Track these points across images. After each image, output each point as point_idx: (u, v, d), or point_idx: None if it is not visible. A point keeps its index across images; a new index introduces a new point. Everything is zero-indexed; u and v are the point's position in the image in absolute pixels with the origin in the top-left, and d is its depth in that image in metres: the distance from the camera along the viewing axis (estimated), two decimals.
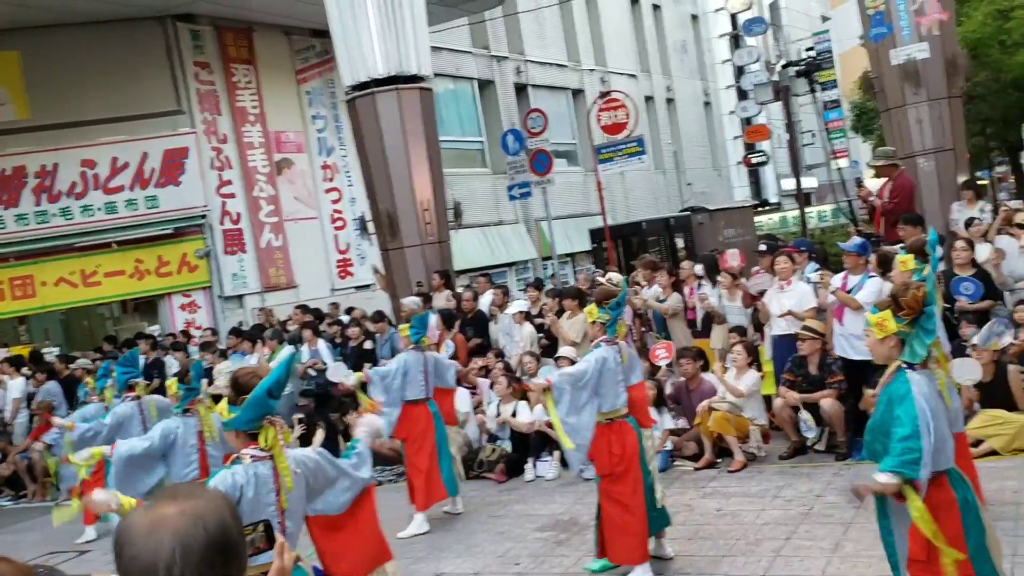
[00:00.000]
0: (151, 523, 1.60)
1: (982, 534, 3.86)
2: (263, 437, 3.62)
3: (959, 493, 3.81)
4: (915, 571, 3.86)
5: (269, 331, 12.17)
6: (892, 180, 10.03)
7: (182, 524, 1.59)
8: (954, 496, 3.79)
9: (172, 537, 1.58)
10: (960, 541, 3.76)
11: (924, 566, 3.82)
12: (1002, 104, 23.33)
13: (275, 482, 3.59)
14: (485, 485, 9.03)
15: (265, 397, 3.61)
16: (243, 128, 17.79)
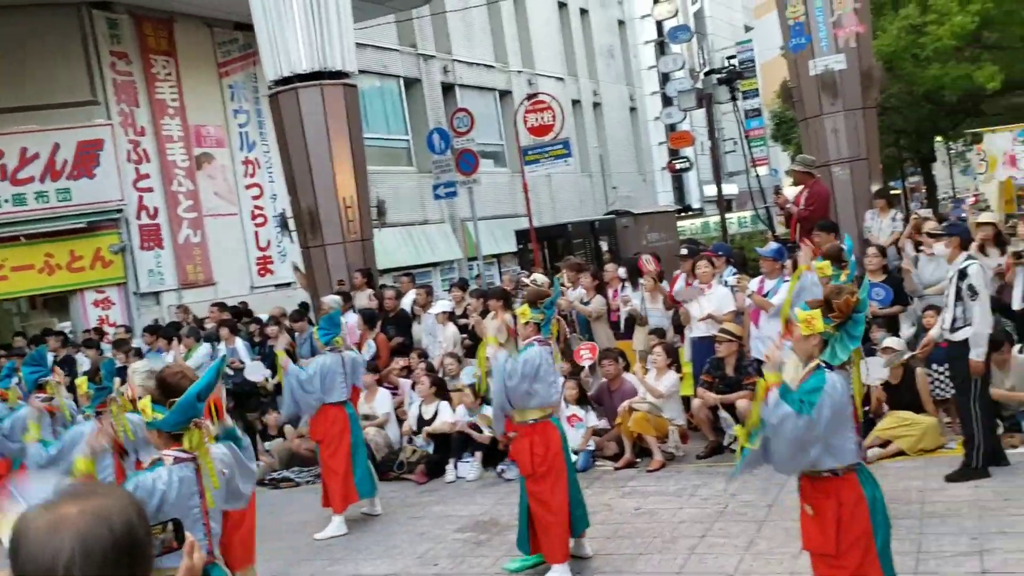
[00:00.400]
0: (51, 522, 1.53)
1: (889, 531, 3.97)
2: (188, 439, 3.57)
3: (868, 491, 3.91)
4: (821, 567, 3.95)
5: (186, 329, 11.89)
6: (808, 188, 10.26)
7: (84, 524, 1.52)
8: (863, 493, 3.90)
9: (73, 537, 1.51)
10: (868, 537, 3.86)
11: (831, 560, 3.90)
12: (915, 116, 24.13)
13: (199, 484, 3.54)
14: (405, 486, 8.96)
15: (194, 401, 3.55)
16: (162, 121, 17.36)
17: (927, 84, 19.72)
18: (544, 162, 17.61)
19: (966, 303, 6.68)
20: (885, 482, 6.76)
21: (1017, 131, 10.96)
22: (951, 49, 18.71)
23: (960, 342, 6.77)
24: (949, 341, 6.94)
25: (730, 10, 51.10)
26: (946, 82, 19.00)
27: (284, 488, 9.65)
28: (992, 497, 6.34)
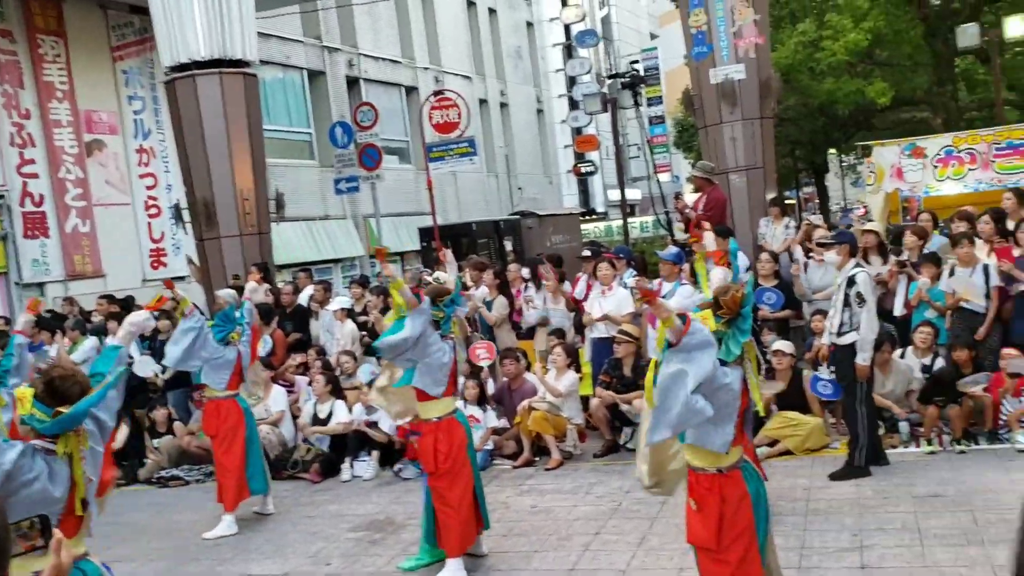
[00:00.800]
0: None
1: (769, 525, 4.09)
2: (63, 444, 3.33)
3: (751, 487, 4.01)
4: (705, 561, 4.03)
5: (71, 321, 11.43)
6: (706, 193, 10.47)
7: None
8: (747, 490, 3.99)
9: None
10: (751, 531, 3.96)
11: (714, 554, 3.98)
12: (810, 128, 24.96)
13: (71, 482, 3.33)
14: (299, 485, 8.79)
15: (85, 414, 3.34)
16: (49, 104, 16.64)
17: (822, 97, 20.40)
18: (449, 160, 17.53)
19: (853, 309, 6.92)
20: (772, 480, 6.97)
21: (904, 145, 11.42)
22: (845, 64, 19.40)
23: (846, 346, 7.01)
24: (836, 345, 7.18)
25: (637, 17, 51.89)
26: (839, 96, 19.69)
27: (173, 487, 9.36)
28: (872, 495, 6.58)
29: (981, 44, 18.62)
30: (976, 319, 8.12)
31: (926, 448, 7.51)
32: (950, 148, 10.87)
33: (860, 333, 6.90)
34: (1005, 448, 7.30)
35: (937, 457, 7.35)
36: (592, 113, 25.58)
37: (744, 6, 11.08)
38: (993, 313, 8.06)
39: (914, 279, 8.62)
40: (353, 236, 24.08)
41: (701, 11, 11.31)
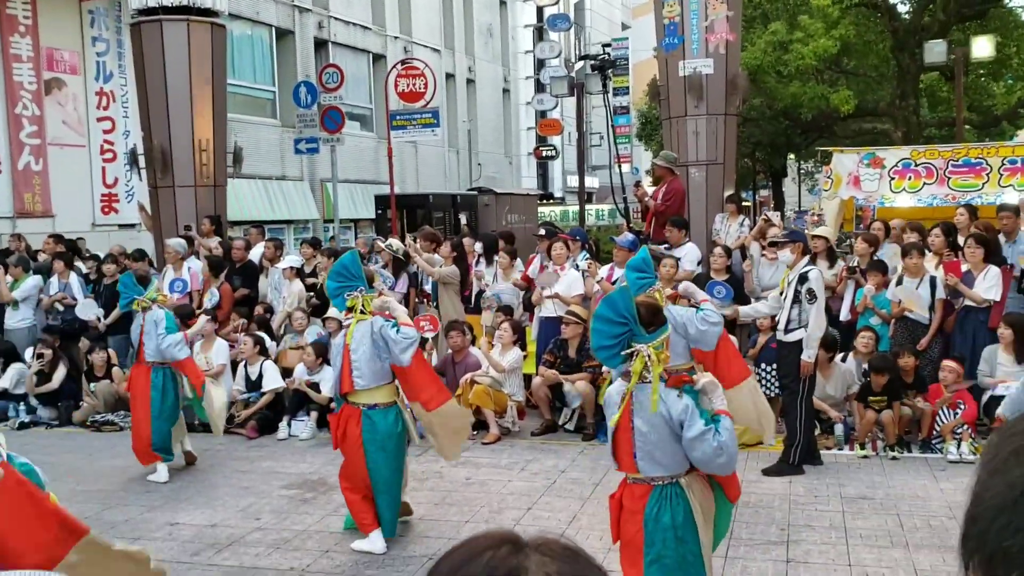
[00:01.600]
0: None
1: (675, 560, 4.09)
2: None
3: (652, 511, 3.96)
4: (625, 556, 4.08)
5: (14, 257, 11.19)
6: (667, 183, 10.55)
7: None
8: (642, 510, 3.96)
9: None
10: (637, 551, 3.97)
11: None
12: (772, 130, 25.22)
13: None
14: (235, 440, 8.73)
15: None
16: (11, 38, 16.22)
17: (786, 100, 20.61)
18: (411, 129, 17.43)
19: (803, 306, 7.01)
20: None
21: (864, 154, 11.57)
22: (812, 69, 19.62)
23: (792, 343, 7.11)
24: (781, 341, 7.28)
25: (610, 6, 51.90)
26: (804, 100, 19.91)
27: (106, 431, 9.24)
28: (803, 492, 6.71)
29: (947, 62, 18.93)
30: (919, 329, 8.29)
31: (859, 452, 7.66)
32: (908, 161, 11.04)
33: (808, 330, 6.99)
34: (936, 458, 7.47)
35: (870, 461, 7.50)
36: (558, 96, 25.55)
37: (718, 1, 11.14)
38: (937, 325, 8.24)
39: (861, 285, 8.78)
40: (308, 199, 23.86)
41: (675, 2, 11.34)
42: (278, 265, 10.62)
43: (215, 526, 6.30)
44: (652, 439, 3.88)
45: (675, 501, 3.91)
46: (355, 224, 24.85)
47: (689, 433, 3.80)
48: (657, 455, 3.90)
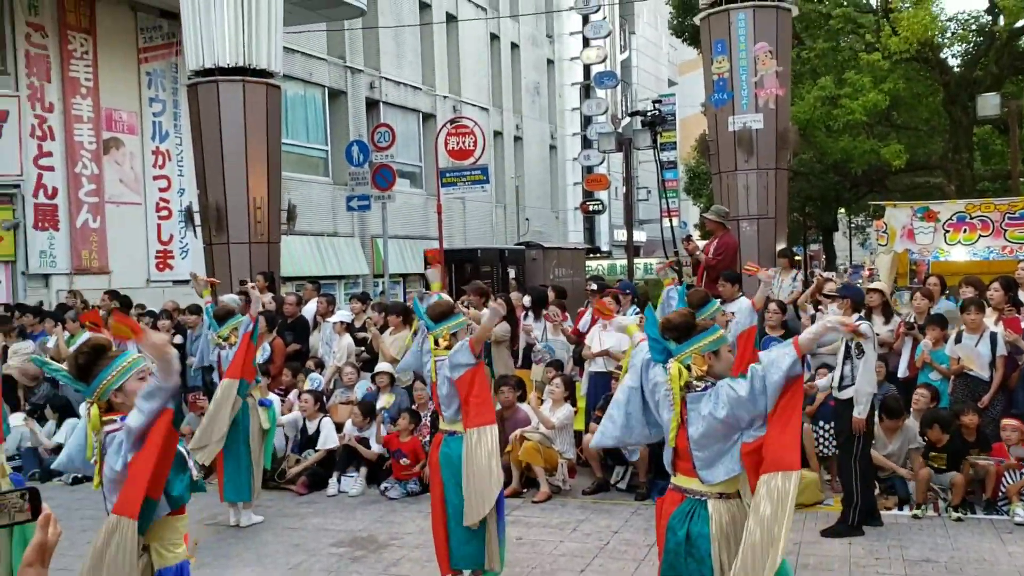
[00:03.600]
0: None
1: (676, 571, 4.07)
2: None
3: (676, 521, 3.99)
4: None
5: (71, 312, 11.41)
6: (718, 238, 10.48)
7: None
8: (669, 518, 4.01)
9: None
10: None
11: None
12: (822, 185, 25.04)
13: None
14: (285, 496, 8.72)
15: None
16: (73, 100, 16.77)
17: (836, 155, 20.48)
18: (461, 186, 17.61)
19: (854, 362, 6.87)
20: None
21: (917, 208, 11.43)
22: (862, 124, 19.51)
23: (846, 400, 6.95)
24: (836, 399, 7.13)
25: (657, 63, 52.37)
26: (854, 155, 19.78)
27: None
28: (863, 554, 6.51)
29: (1000, 114, 18.71)
30: (980, 385, 8.06)
31: (921, 512, 7.42)
32: (963, 214, 10.88)
33: (856, 385, 6.84)
34: (1003, 520, 7.21)
35: (932, 522, 7.25)
36: (606, 152, 25.71)
37: (768, 57, 11.17)
38: (999, 382, 8.01)
39: (919, 341, 8.58)
40: (359, 254, 24.14)
41: (724, 59, 11.39)
42: (329, 320, 10.69)
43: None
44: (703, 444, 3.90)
45: (697, 517, 3.91)
46: (404, 279, 25.05)
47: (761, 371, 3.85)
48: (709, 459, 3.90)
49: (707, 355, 4.02)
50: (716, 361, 4.03)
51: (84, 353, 3.53)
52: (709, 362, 4.02)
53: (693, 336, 4.05)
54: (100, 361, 3.51)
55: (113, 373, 3.49)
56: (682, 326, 4.09)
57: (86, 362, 3.52)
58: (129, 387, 3.49)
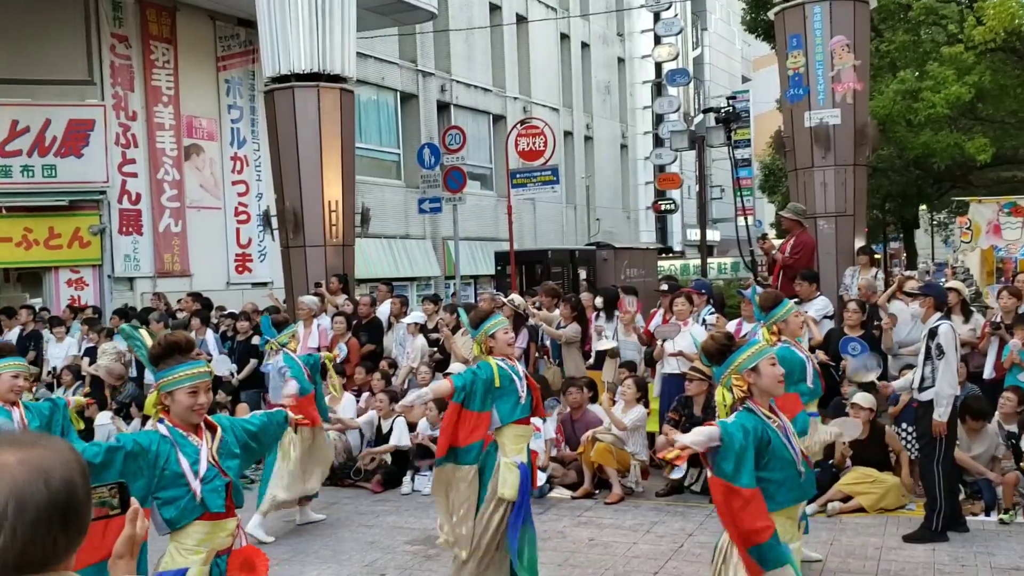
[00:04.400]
0: None
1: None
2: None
3: None
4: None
5: (156, 314, 11.75)
6: (795, 236, 10.29)
7: (21, 475, 1.43)
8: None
9: (7, 488, 1.42)
10: None
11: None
12: (902, 181, 24.36)
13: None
14: (360, 494, 8.84)
15: None
16: (155, 108, 17.26)
17: (917, 150, 19.91)
18: (531, 187, 17.62)
19: (934, 363, 6.68)
20: (843, 537, 6.78)
21: (1004, 203, 11.07)
22: (945, 117, 18.92)
23: (927, 402, 6.76)
24: (918, 401, 6.94)
25: (730, 59, 51.68)
26: (937, 150, 19.20)
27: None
28: (948, 561, 6.32)
29: None
30: None
31: (1009, 517, 7.18)
32: None
33: (936, 387, 6.65)
34: None
35: (1021, 528, 7.02)
36: (678, 150, 25.46)
37: (845, 51, 10.93)
38: None
39: (1006, 341, 8.30)
40: (430, 256, 24.36)
41: (800, 53, 11.18)
42: (403, 320, 10.81)
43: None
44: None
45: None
46: (475, 280, 25.19)
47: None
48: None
49: (745, 373, 3.89)
50: (757, 377, 3.88)
51: (162, 345, 3.64)
52: (749, 380, 3.89)
53: (728, 357, 3.93)
54: (170, 359, 3.60)
55: (172, 376, 3.57)
56: (713, 350, 3.99)
57: (159, 354, 3.62)
58: (178, 397, 3.56)
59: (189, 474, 3.50)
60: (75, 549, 1.51)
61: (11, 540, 1.41)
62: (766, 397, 3.92)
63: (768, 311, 6.31)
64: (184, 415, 3.58)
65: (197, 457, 3.54)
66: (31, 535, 1.43)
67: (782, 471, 3.77)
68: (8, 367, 5.40)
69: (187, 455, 3.54)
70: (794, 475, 3.79)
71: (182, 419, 3.59)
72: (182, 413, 3.58)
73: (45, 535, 1.44)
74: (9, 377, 5.28)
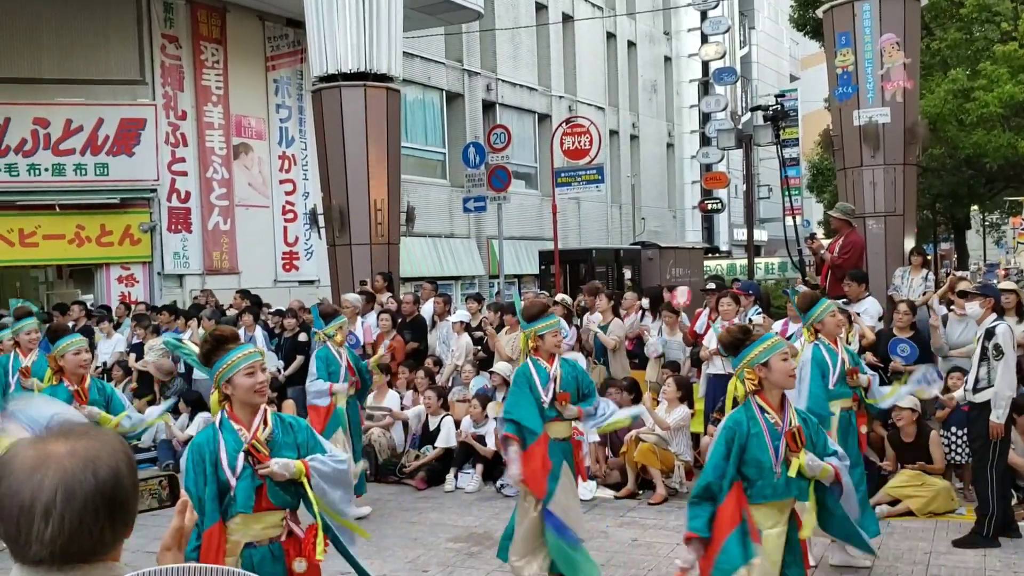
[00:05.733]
0: (37, 459, 1.46)
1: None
2: None
3: None
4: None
5: (207, 311, 11.92)
6: (844, 236, 10.17)
7: (70, 465, 1.46)
8: None
9: (56, 478, 1.44)
10: None
11: None
12: (953, 181, 23.94)
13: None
14: (404, 491, 8.90)
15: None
16: (204, 107, 17.52)
17: (969, 149, 19.55)
18: (576, 185, 17.59)
19: (991, 363, 6.56)
20: (890, 540, 6.69)
21: None
22: (998, 116, 18.55)
23: (982, 403, 6.64)
24: (971, 403, 6.82)
25: (778, 58, 51.12)
26: (989, 149, 18.83)
27: None
28: (999, 567, 6.21)
29: None
30: None
31: None
32: None
33: (996, 388, 6.52)
34: None
35: None
36: (725, 148, 25.25)
37: (895, 49, 10.77)
38: None
39: None
40: (475, 255, 24.42)
41: (849, 51, 11.04)
42: (447, 319, 10.86)
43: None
44: None
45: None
46: (519, 279, 25.21)
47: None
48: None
49: (757, 367, 3.95)
50: (768, 372, 3.95)
51: (207, 341, 3.70)
52: (760, 374, 3.96)
53: (743, 350, 4.00)
54: (219, 350, 3.65)
55: (226, 364, 3.61)
56: (727, 343, 4.10)
57: (208, 350, 3.68)
58: (237, 381, 3.59)
59: (226, 468, 3.55)
60: (121, 540, 1.54)
61: (59, 528, 1.44)
62: (776, 392, 3.99)
63: (805, 311, 6.29)
64: (247, 397, 3.61)
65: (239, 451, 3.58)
66: (79, 524, 1.45)
67: (757, 470, 3.92)
68: (71, 345, 5.60)
69: (228, 446, 3.59)
70: (770, 476, 3.91)
71: (246, 402, 3.63)
72: (244, 396, 3.61)
73: (92, 524, 1.46)
74: (72, 355, 5.47)
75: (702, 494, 3.99)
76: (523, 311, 5.76)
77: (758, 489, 3.95)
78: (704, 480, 4.00)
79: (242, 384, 3.59)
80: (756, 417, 3.95)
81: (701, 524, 3.94)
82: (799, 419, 4.06)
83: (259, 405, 3.64)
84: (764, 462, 3.92)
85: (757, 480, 3.95)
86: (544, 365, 5.61)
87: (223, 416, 3.65)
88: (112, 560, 1.53)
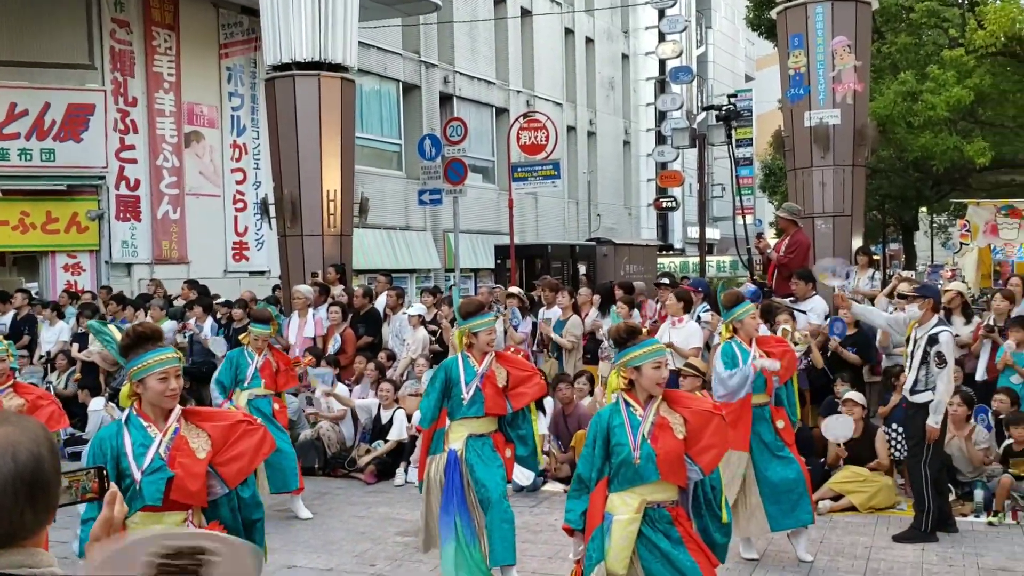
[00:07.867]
0: None
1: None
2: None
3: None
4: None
5: (157, 300, 11.75)
6: (790, 235, 10.30)
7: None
8: None
9: None
10: None
11: None
12: (901, 183, 24.38)
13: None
14: (353, 484, 8.86)
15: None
16: (156, 94, 17.24)
17: (917, 152, 19.88)
18: (532, 180, 17.62)
19: (931, 368, 6.66)
20: (832, 535, 6.80)
21: (1002, 205, 11.10)
22: (944, 120, 18.90)
23: (919, 404, 6.77)
24: (908, 402, 6.95)
25: (733, 58, 51.59)
26: (936, 152, 19.19)
27: None
28: (936, 561, 6.35)
29: None
30: None
31: (997, 519, 7.20)
32: None
33: (936, 395, 6.64)
34: None
35: (1010, 530, 7.04)
36: (680, 147, 25.45)
37: (846, 51, 10.92)
38: None
39: (999, 345, 8.32)
40: (431, 248, 24.34)
41: (801, 53, 11.18)
42: (402, 312, 10.81)
43: (331, 570, 6.37)
44: None
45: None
46: (475, 273, 25.18)
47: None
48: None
49: (630, 369, 4.04)
50: (639, 376, 4.03)
51: (128, 336, 3.66)
52: (631, 376, 4.05)
53: (625, 348, 4.08)
54: (139, 348, 3.61)
55: (142, 364, 3.59)
56: (614, 337, 4.20)
57: (128, 344, 3.65)
58: (149, 383, 3.57)
59: (132, 461, 3.53)
60: (44, 525, 1.52)
61: None
62: (644, 393, 4.08)
63: (728, 309, 6.38)
64: (157, 400, 3.60)
65: (147, 447, 3.55)
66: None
67: (618, 459, 4.03)
68: None
69: (135, 441, 3.56)
70: (629, 463, 4.01)
71: (155, 405, 3.61)
72: (154, 399, 3.60)
73: (12, 508, 1.45)
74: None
75: (577, 486, 4.19)
76: (459, 308, 5.82)
77: (620, 477, 4.05)
78: (576, 472, 4.21)
79: (154, 388, 3.58)
80: (620, 411, 4.07)
81: (575, 516, 4.14)
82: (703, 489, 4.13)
83: (170, 409, 3.63)
84: (627, 454, 4.01)
85: (619, 468, 4.05)
86: (473, 363, 5.64)
87: (131, 413, 3.62)
88: (33, 545, 1.51)
